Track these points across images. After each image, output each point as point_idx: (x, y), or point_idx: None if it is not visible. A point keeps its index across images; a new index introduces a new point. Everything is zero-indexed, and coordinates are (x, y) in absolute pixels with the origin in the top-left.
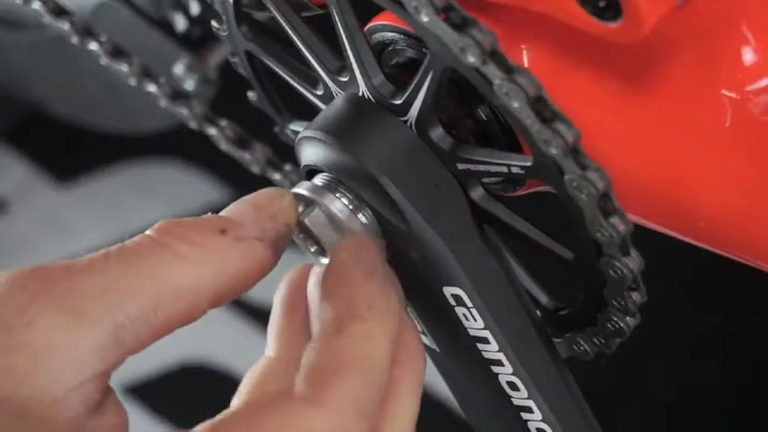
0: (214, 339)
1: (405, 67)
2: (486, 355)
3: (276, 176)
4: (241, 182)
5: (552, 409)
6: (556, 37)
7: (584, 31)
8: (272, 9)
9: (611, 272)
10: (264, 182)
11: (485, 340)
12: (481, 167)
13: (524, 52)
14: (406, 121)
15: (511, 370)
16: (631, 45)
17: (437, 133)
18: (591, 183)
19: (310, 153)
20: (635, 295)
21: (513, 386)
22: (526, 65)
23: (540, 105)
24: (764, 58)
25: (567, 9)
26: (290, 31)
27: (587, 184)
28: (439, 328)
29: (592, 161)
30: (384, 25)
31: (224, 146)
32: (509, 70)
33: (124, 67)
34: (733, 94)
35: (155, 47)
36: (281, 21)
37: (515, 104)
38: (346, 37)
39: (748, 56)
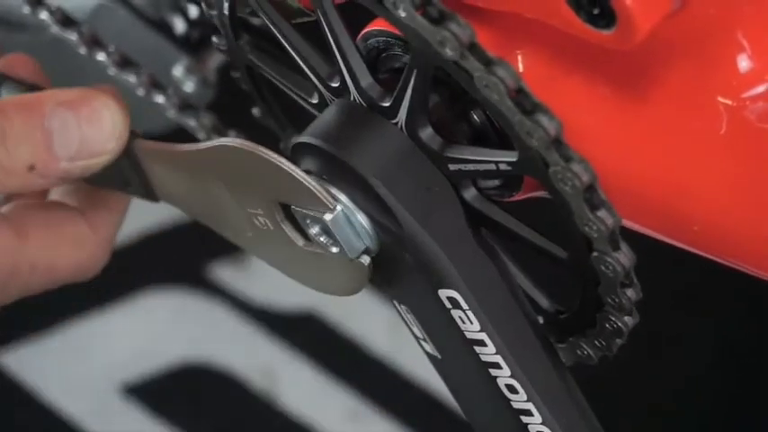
0: (214, 339)
1: (399, 72)
2: (483, 358)
3: None
4: None
5: (552, 412)
6: (551, 44)
7: (579, 38)
8: (262, 16)
9: (603, 268)
10: None
11: (481, 343)
12: (471, 167)
13: (519, 59)
14: (396, 123)
15: (509, 372)
16: (626, 52)
17: (426, 133)
18: (575, 174)
19: (303, 159)
20: (629, 292)
21: (511, 389)
22: (521, 71)
23: (520, 97)
24: (760, 65)
25: (561, 16)
26: (280, 39)
27: (572, 175)
28: (437, 333)
29: (576, 153)
30: (379, 31)
31: None
32: (488, 62)
33: (132, 78)
34: (729, 101)
35: (153, 49)
36: (272, 28)
37: (495, 96)
38: (332, 40)
39: (744, 62)
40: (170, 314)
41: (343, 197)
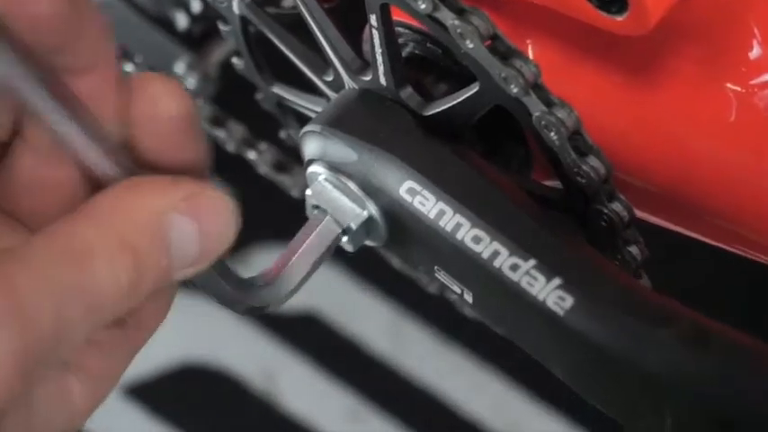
0: (214, 340)
1: (405, 61)
2: (449, 227)
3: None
4: (241, 181)
5: (517, 243)
6: (561, 30)
7: (590, 24)
8: None
9: (602, 223)
10: (265, 184)
11: (441, 213)
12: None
13: (530, 46)
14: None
15: (470, 224)
16: (637, 38)
17: (406, 92)
18: (560, 120)
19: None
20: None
21: (477, 240)
22: (532, 58)
23: (496, 43)
24: None
25: (572, 2)
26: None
27: (555, 120)
28: (458, 269)
29: (557, 97)
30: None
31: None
32: (461, 11)
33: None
34: (738, 88)
35: (156, 45)
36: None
37: (470, 44)
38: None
39: (754, 49)
40: (170, 314)
41: (320, 168)
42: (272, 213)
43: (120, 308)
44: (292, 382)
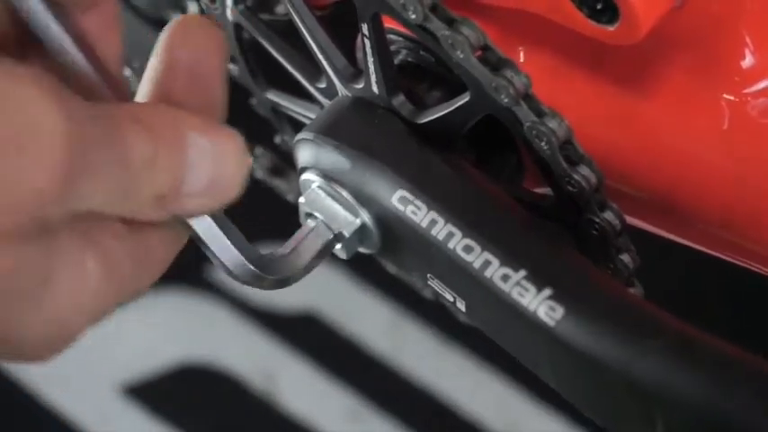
0: (214, 340)
1: (398, 69)
2: (440, 237)
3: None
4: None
5: (507, 251)
6: (553, 39)
7: (581, 33)
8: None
9: (593, 232)
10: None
11: (433, 223)
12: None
13: (521, 54)
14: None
15: (461, 234)
16: (629, 48)
17: (399, 100)
18: (551, 130)
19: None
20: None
21: (468, 249)
22: (523, 66)
23: (487, 53)
24: (762, 61)
25: (563, 11)
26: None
27: (546, 130)
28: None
29: (548, 107)
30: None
31: None
32: (451, 21)
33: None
34: (731, 97)
35: (153, 48)
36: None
37: (461, 55)
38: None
39: (746, 58)
40: (170, 314)
41: (313, 175)
42: (269, 216)
43: (137, 184)
44: (292, 382)
